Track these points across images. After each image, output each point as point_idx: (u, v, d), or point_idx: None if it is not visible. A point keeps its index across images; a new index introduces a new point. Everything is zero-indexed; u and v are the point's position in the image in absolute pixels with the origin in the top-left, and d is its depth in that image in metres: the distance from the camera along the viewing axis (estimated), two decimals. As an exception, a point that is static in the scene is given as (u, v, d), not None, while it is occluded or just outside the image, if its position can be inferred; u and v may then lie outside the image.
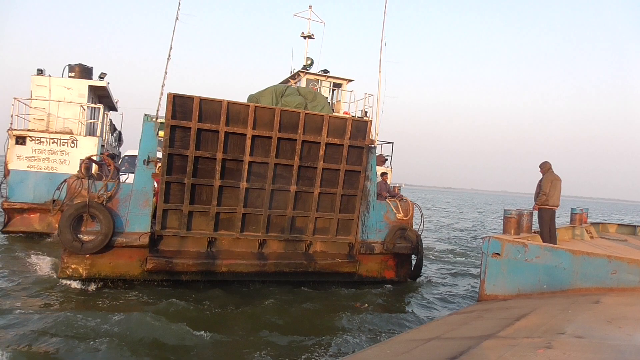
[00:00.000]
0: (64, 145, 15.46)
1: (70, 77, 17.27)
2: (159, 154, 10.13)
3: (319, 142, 10.72)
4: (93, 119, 17.39)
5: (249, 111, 10.02)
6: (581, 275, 7.84)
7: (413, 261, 12.60)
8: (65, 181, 9.93)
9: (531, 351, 4.65)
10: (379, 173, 14.02)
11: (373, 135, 11.81)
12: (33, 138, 15.23)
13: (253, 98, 11.68)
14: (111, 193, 9.79)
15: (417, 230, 12.35)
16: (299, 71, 19.94)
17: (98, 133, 16.53)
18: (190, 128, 9.71)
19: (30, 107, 16.21)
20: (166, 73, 13.96)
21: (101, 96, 19.18)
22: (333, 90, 19.92)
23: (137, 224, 9.96)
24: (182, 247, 10.45)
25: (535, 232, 10.62)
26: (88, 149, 15.48)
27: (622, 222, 21.54)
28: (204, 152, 9.97)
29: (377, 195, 12.05)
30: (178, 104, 9.61)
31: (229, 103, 9.88)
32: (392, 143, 18.15)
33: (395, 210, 11.99)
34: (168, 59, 13.34)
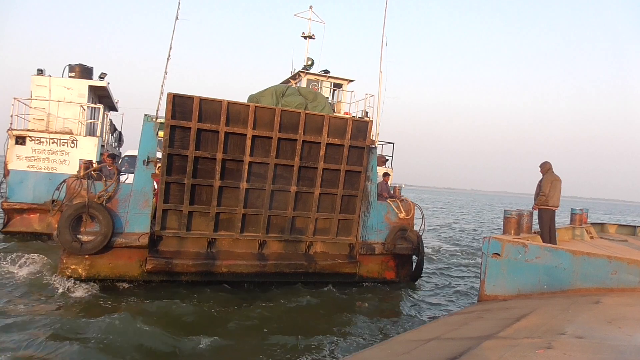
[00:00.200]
0: (64, 145, 15.44)
1: (70, 77, 17.27)
2: (159, 154, 10.11)
3: (320, 143, 10.71)
4: (93, 119, 17.38)
5: (249, 111, 10.01)
6: (581, 275, 7.83)
7: (414, 262, 12.58)
8: (64, 181, 9.92)
9: (531, 351, 4.64)
10: (381, 174, 13.99)
11: (374, 135, 11.80)
12: (33, 138, 15.22)
13: (253, 98, 11.67)
14: (111, 193, 9.78)
15: (418, 230, 12.34)
16: (300, 71, 19.93)
17: (98, 133, 16.51)
18: (190, 128, 9.70)
19: (30, 107, 16.20)
20: (166, 73, 13.93)
21: (101, 96, 19.17)
22: (334, 90, 19.91)
23: (137, 225, 9.95)
24: (182, 248, 10.43)
25: (535, 233, 10.60)
26: (88, 149, 15.47)
27: (622, 223, 21.52)
28: (204, 153, 9.95)
29: (378, 195, 12.04)
30: (178, 104, 9.59)
31: (229, 103, 9.87)
32: (393, 143, 18.15)
33: (396, 210, 11.98)
34: (168, 59, 13.32)
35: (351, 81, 20.06)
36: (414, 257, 12.50)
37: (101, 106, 17.02)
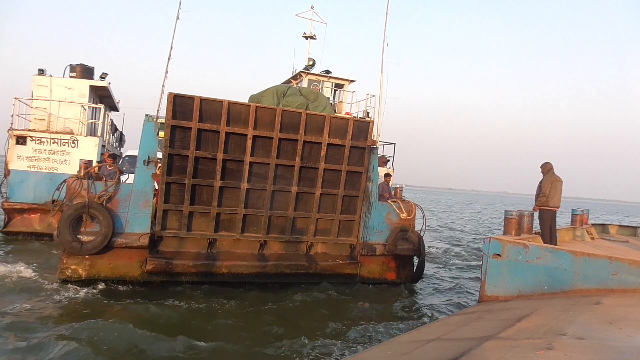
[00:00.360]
0: (65, 145, 15.45)
1: (71, 77, 17.29)
2: (160, 154, 10.10)
3: (321, 143, 10.69)
4: (94, 119, 17.39)
5: (250, 111, 9.99)
6: (582, 276, 7.81)
7: (415, 262, 12.55)
8: (64, 181, 9.91)
9: (532, 352, 4.62)
10: (383, 174, 13.97)
11: (375, 136, 11.78)
12: (34, 138, 15.24)
13: (254, 98, 11.66)
14: (111, 193, 9.77)
15: (419, 231, 12.31)
16: (301, 71, 19.93)
17: (99, 133, 16.52)
18: (190, 128, 9.69)
19: (31, 107, 16.22)
20: (167, 73, 13.91)
21: (102, 96, 19.18)
22: (335, 90, 19.89)
23: (137, 225, 9.94)
24: (182, 248, 10.42)
25: (536, 233, 10.59)
26: (89, 149, 15.48)
27: (623, 223, 21.49)
28: (205, 153, 9.95)
29: (379, 196, 12.02)
30: (178, 104, 9.59)
31: (230, 103, 9.86)
32: (394, 144, 18.13)
33: (398, 210, 11.95)
34: (169, 59, 13.29)
35: (352, 81, 20.05)
36: (415, 258, 12.49)
37: (102, 106, 17.03)
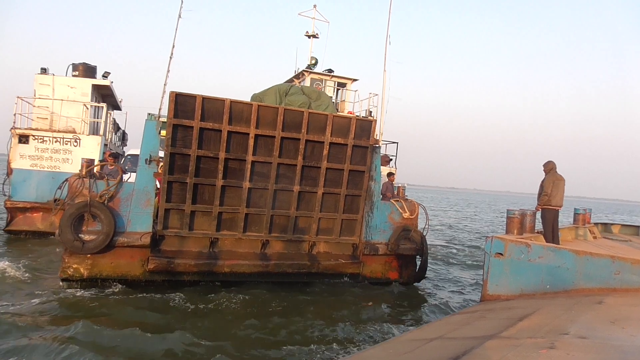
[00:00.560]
0: (67, 144, 15.48)
1: (74, 76, 17.31)
2: (162, 153, 10.09)
3: (323, 142, 10.66)
4: (96, 118, 17.42)
5: (252, 110, 9.96)
6: (584, 275, 7.80)
7: (418, 262, 12.52)
8: (66, 180, 9.91)
9: (534, 351, 4.62)
10: (386, 173, 13.94)
11: (377, 135, 11.75)
12: (36, 137, 15.27)
13: (257, 97, 11.64)
14: (113, 192, 9.76)
15: (422, 231, 12.28)
16: (303, 70, 19.92)
17: (101, 132, 16.55)
18: (192, 127, 9.66)
19: (33, 106, 16.25)
20: (169, 71, 13.90)
21: (105, 95, 19.21)
22: (337, 89, 19.89)
23: (139, 224, 9.93)
24: (184, 247, 10.40)
25: (538, 232, 10.57)
26: (91, 148, 15.51)
27: (626, 223, 21.46)
28: (207, 152, 9.93)
29: (382, 195, 11.98)
30: (180, 103, 9.57)
31: (232, 102, 9.83)
32: (397, 143, 18.11)
33: (400, 210, 11.92)
34: (170, 58, 13.28)
35: (355, 80, 20.04)
36: (418, 258, 12.45)
37: (104, 105, 17.05)
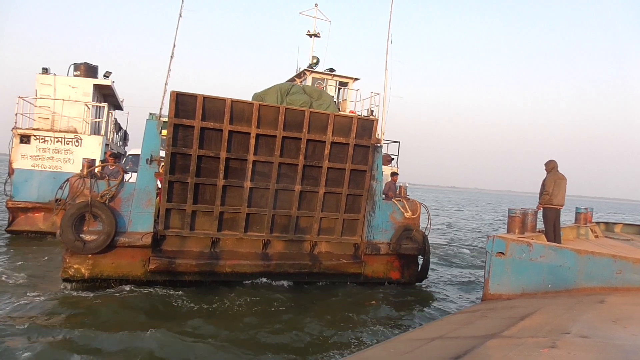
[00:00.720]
0: (69, 144, 15.49)
1: (75, 76, 17.32)
2: (162, 153, 10.09)
3: (324, 141, 10.65)
4: (98, 118, 17.43)
5: (253, 110, 9.95)
6: (586, 274, 7.78)
7: (420, 261, 12.50)
8: (67, 180, 9.90)
9: (536, 351, 4.61)
10: (390, 173, 13.91)
11: (379, 134, 11.74)
12: (37, 137, 15.28)
13: (258, 96, 11.63)
14: (114, 192, 9.76)
15: (424, 230, 12.26)
16: (305, 70, 19.90)
17: (103, 132, 16.55)
18: (193, 127, 9.67)
19: (35, 106, 16.26)
20: (170, 71, 13.90)
21: (106, 95, 19.22)
22: (339, 89, 19.87)
23: (140, 224, 9.93)
24: (185, 247, 10.40)
25: (539, 232, 10.55)
26: (92, 148, 15.51)
27: (627, 222, 21.43)
28: (208, 151, 9.93)
29: (384, 195, 11.95)
30: (181, 103, 9.57)
31: (233, 101, 9.82)
32: (399, 142, 18.09)
33: (402, 209, 11.90)
34: (171, 57, 13.26)
35: (356, 79, 20.01)
36: (420, 257, 12.43)
37: (106, 105, 17.06)
